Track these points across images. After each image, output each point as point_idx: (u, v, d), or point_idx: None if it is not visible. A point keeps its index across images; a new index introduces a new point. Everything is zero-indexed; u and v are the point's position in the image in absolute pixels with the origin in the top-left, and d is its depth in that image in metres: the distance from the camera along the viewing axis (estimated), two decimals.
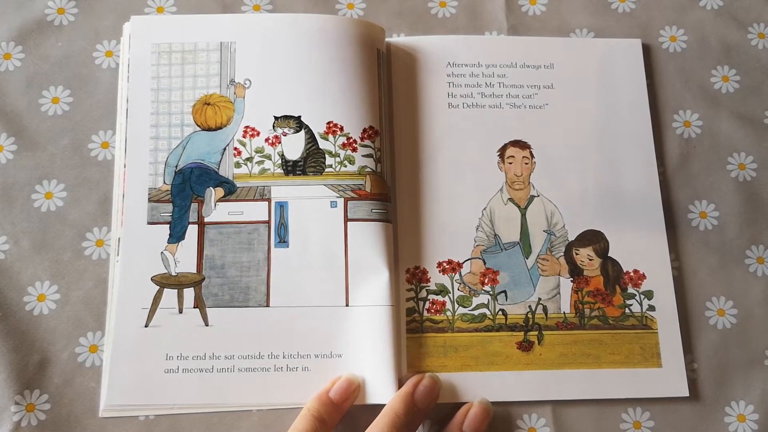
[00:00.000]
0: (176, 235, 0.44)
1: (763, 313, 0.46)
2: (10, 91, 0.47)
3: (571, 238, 0.46)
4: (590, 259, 0.46)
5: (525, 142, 0.48)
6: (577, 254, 0.46)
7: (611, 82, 0.49)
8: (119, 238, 0.44)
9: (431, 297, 0.45)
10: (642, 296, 0.44)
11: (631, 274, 0.45)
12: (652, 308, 0.45)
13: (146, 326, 0.42)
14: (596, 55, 0.50)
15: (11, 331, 0.42)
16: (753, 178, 0.49)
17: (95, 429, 0.41)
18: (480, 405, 0.42)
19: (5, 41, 0.48)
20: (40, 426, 0.41)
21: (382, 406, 0.40)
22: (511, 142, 0.48)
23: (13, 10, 0.49)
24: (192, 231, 0.44)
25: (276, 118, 0.46)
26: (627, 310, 0.45)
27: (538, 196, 0.47)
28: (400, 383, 0.42)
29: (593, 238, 0.46)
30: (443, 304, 0.45)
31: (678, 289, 0.45)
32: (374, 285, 0.43)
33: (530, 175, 0.47)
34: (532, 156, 0.47)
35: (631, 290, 0.45)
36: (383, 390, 0.41)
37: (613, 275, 0.45)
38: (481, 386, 0.43)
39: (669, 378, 0.43)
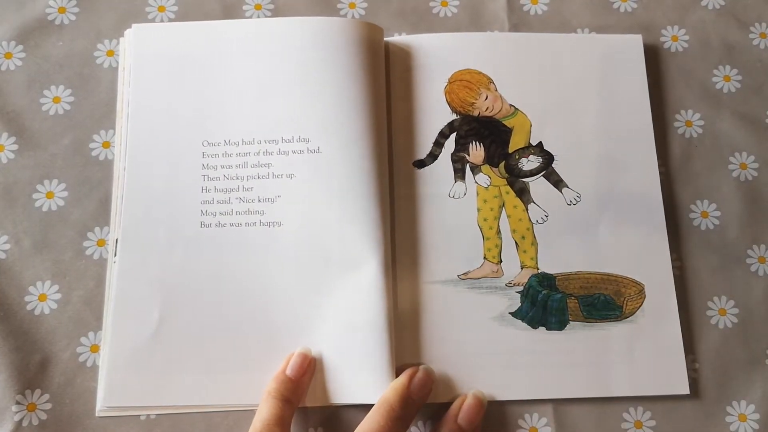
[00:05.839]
0: None
1: (764, 312, 0.46)
2: (11, 90, 0.47)
3: None
4: None
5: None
6: None
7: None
8: (116, 240, 0.43)
9: None
10: None
11: None
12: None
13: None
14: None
15: (12, 330, 0.42)
16: (754, 177, 0.49)
17: (96, 428, 0.41)
18: (474, 397, 0.41)
19: (6, 40, 0.48)
20: (42, 426, 0.41)
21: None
22: None
23: (13, 9, 0.49)
24: None
25: None
26: None
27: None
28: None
29: None
30: None
31: (679, 288, 0.45)
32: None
33: None
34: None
35: None
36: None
37: None
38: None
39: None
